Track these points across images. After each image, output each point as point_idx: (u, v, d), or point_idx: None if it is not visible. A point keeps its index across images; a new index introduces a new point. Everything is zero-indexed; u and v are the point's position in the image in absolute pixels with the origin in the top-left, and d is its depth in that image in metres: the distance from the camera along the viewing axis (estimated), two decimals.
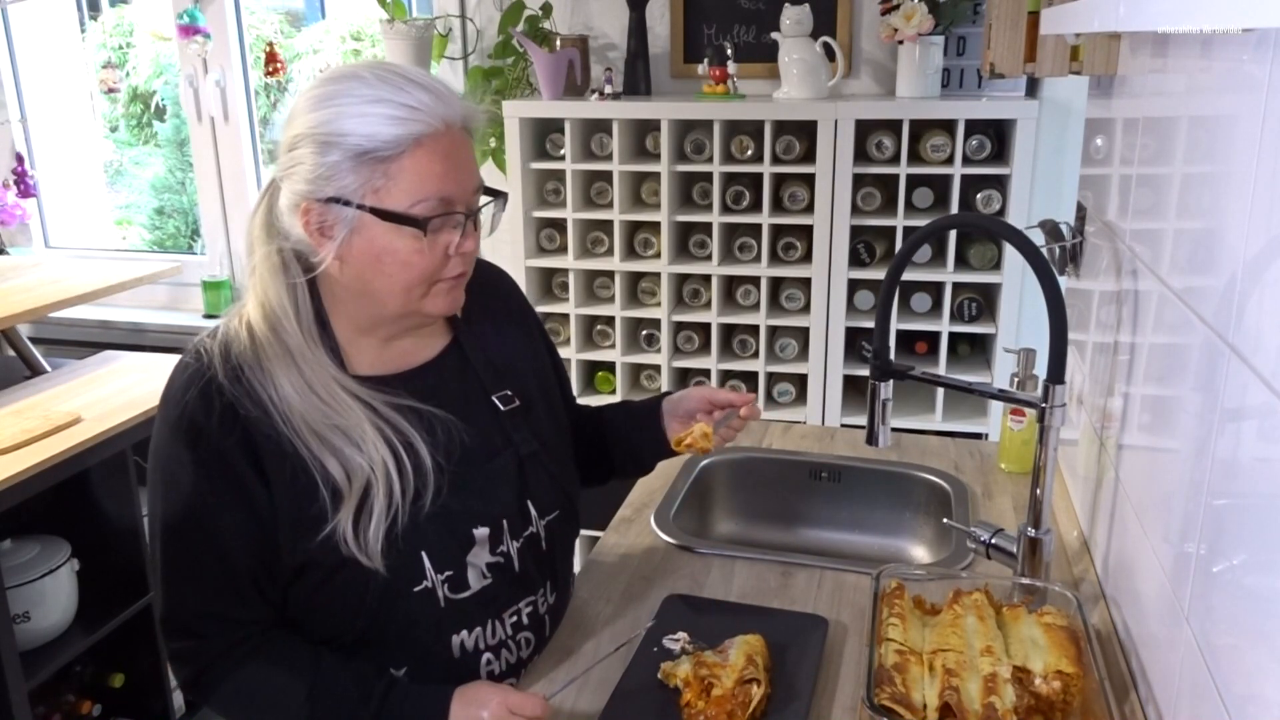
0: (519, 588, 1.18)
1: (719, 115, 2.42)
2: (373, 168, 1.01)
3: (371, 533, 1.04)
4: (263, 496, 1.05)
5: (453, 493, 1.11)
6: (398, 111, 1.00)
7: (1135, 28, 0.75)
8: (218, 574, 1.07)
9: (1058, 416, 1.21)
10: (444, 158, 1.03)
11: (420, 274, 1.05)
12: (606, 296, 2.69)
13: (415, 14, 2.80)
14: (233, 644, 1.08)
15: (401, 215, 1.02)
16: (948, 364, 2.48)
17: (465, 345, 1.20)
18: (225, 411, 1.03)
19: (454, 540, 1.12)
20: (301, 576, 1.08)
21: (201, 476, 1.04)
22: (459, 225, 1.06)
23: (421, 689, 1.08)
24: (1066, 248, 1.61)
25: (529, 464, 1.19)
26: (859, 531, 1.73)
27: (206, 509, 1.05)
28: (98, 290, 2.60)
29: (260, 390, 1.04)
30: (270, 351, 1.06)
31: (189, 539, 1.07)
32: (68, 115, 3.52)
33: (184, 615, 1.09)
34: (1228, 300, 0.83)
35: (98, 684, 2.30)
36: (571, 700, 1.13)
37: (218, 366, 1.05)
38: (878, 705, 1.01)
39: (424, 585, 1.09)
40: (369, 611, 1.08)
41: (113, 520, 2.17)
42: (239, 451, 1.04)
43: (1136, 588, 1.13)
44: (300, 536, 1.05)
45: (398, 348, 1.15)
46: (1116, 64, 1.34)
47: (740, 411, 1.31)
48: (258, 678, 1.08)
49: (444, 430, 1.12)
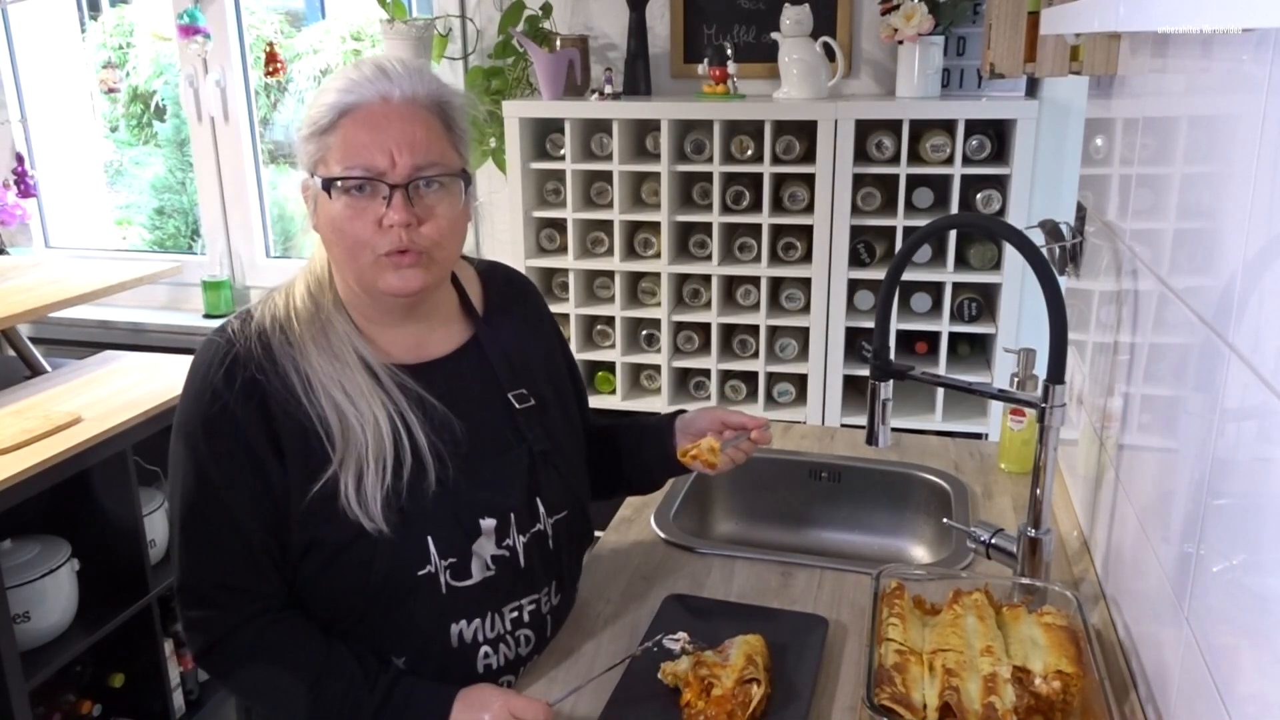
0: (522, 584, 1.18)
1: (719, 115, 2.42)
2: (318, 140, 1.09)
3: (369, 494, 1.07)
4: (277, 472, 1.08)
5: (462, 479, 1.13)
6: (339, 84, 1.08)
7: (1135, 28, 0.75)
8: (234, 545, 1.09)
9: (1058, 416, 1.21)
10: (371, 129, 1.06)
11: (351, 241, 1.08)
12: (606, 296, 2.69)
13: (415, 14, 2.80)
14: (248, 616, 1.10)
15: (325, 180, 1.08)
16: (948, 364, 2.48)
17: (484, 342, 1.23)
18: (246, 385, 1.08)
19: (460, 527, 1.13)
20: (309, 553, 1.10)
21: (220, 452, 1.08)
22: (385, 197, 1.07)
23: (426, 685, 1.09)
24: (1066, 248, 1.61)
25: (540, 462, 1.21)
26: (859, 531, 1.73)
27: (224, 483, 1.08)
28: (98, 290, 2.60)
29: (287, 362, 1.09)
30: (305, 314, 1.12)
31: (207, 511, 1.10)
32: (68, 115, 3.52)
33: (201, 585, 1.12)
34: (1227, 300, 0.83)
35: (98, 684, 2.30)
36: (571, 700, 1.13)
37: (241, 342, 1.10)
38: (878, 705, 1.01)
39: (427, 569, 1.11)
40: (372, 591, 1.10)
41: (113, 520, 2.17)
42: (257, 427, 1.08)
43: (1136, 588, 1.13)
44: (311, 510, 1.08)
45: (413, 335, 1.18)
46: (1116, 64, 1.34)
47: (751, 434, 1.33)
48: (270, 652, 1.10)
49: (443, 422, 1.14)
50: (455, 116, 1.12)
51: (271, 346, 1.10)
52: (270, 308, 1.14)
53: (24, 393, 2.29)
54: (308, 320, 1.12)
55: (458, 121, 1.13)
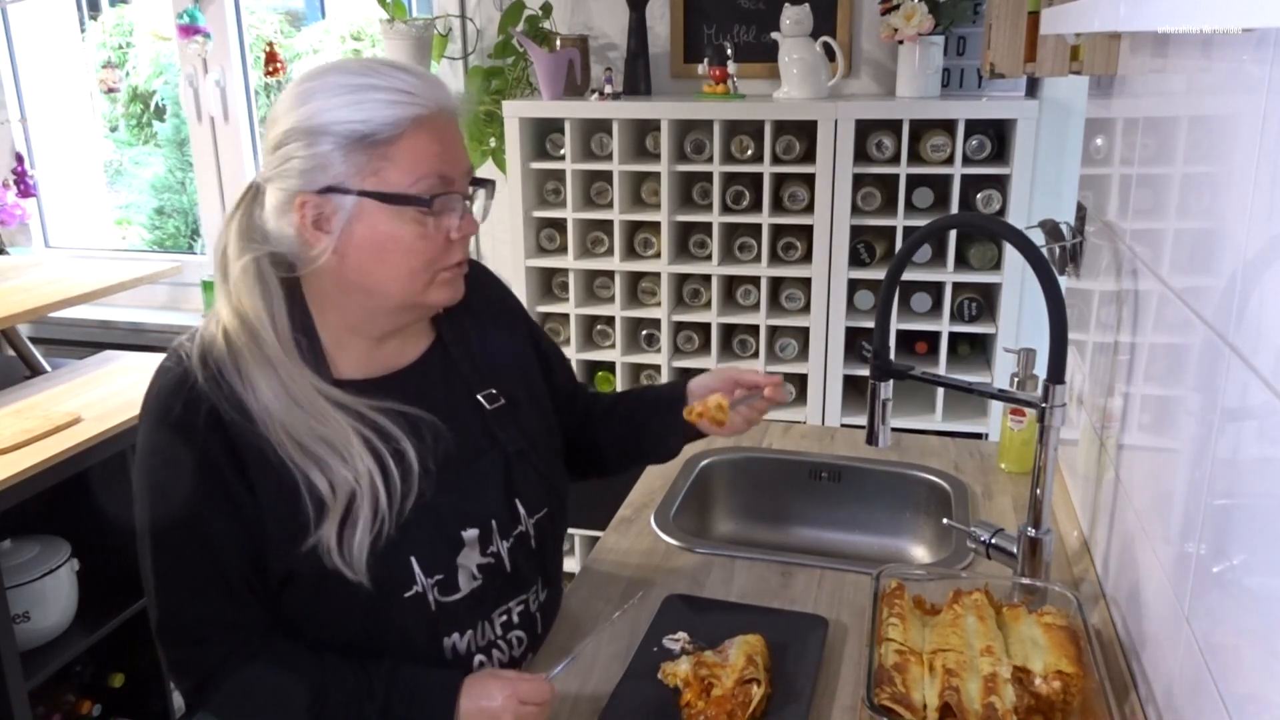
0: (510, 587, 1.17)
1: (719, 115, 2.42)
2: (370, 152, 1.01)
3: (356, 546, 1.03)
4: (249, 502, 1.03)
5: (440, 495, 1.10)
6: (392, 95, 1.01)
7: (1135, 28, 0.75)
8: (212, 578, 1.05)
9: (1058, 416, 1.21)
10: (440, 138, 1.04)
11: (424, 259, 1.05)
12: (606, 296, 2.69)
13: (415, 14, 2.80)
14: (233, 648, 1.07)
15: (405, 196, 1.02)
16: (948, 364, 2.48)
17: (449, 344, 1.19)
18: (209, 415, 1.02)
19: (443, 543, 1.11)
20: (288, 586, 1.07)
21: (188, 482, 1.02)
22: (458, 207, 1.06)
23: (428, 678, 1.07)
24: (1066, 248, 1.61)
25: (516, 462, 1.18)
26: (859, 531, 1.73)
27: (195, 514, 1.03)
28: (98, 290, 2.60)
29: (241, 396, 1.02)
30: (249, 358, 1.03)
31: (180, 545, 1.05)
32: (68, 115, 3.52)
33: (181, 622, 1.08)
34: (1228, 300, 0.83)
35: (98, 684, 2.30)
36: (572, 700, 1.13)
37: (198, 371, 1.03)
38: (878, 705, 1.01)
39: (414, 590, 1.08)
40: (357, 620, 1.07)
41: (113, 520, 2.17)
42: (224, 457, 1.02)
43: (1136, 588, 1.13)
44: (286, 545, 1.04)
45: (385, 349, 1.14)
46: (1116, 64, 1.34)
47: (765, 392, 1.27)
48: (263, 680, 1.07)
49: (431, 432, 1.10)
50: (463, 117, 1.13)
51: (223, 375, 1.03)
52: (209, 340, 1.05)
53: (24, 393, 2.29)
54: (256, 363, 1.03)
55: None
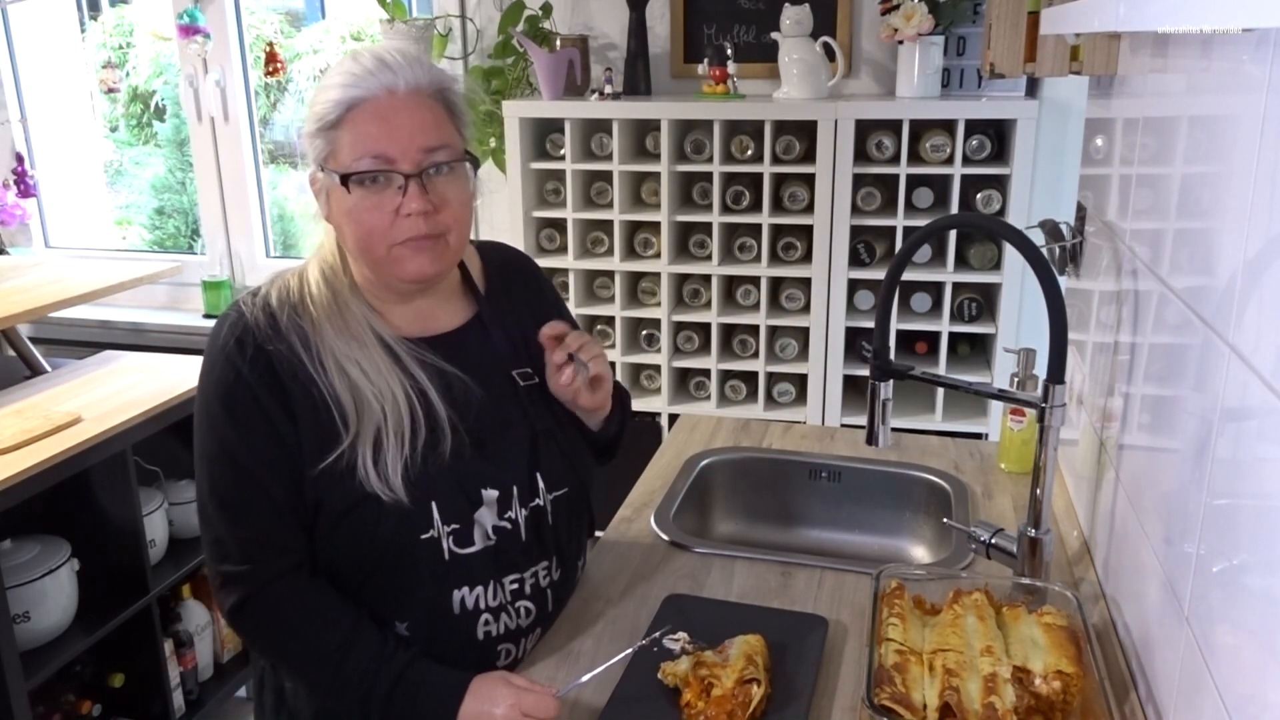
0: (523, 556, 1.21)
1: (719, 115, 2.42)
2: (326, 134, 1.11)
3: (390, 466, 1.11)
4: (291, 434, 1.12)
5: (466, 450, 1.17)
6: (343, 80, 1.09)
7: (1135, 28, 0.75)
8: (262, 505, 1.13)
9: (1058, 416, 1.21)
10: (380, 120, 1.09)
11: (369, 232, 1.11)
12: (606, 296, 2.69)
13: (415, 14, 2.80)
14: (281, 571, 1.14)
15: (342, 174, 1.10)
16: (948, 364, 2.48)
17: (487, 319, 1.26)
18: (257, 354, 1.12)
19: (463, 495, 1.16)
20: (316, 515, 1.13)
21: (238, 417, 1.12)
22: (401, 186, 1.10)
23: (440, 671, 1.11)
24: (1066, 248, 1.61)
25: (543, 439, 1.23)
26: (859, 531, 1.73)
27: (245, 447, 1.12)
28: (98, 290, 2.60)
29: (296, 335, 1.13)
30: (320, 298, 1.16)
31: (232, 474, 1.13)
32: (68, 115, 3.52)
33: (234, 540, 1.14)
34: (1227, 300, 0.83)
35: (98, 684, 2.30)
36: (572, 701, 1.13)
37: (257, 314, 1.14)
38: (878, 705, 1.01)
39: (430, 534, 1.14)
40: (376, 553, 1.13)
41: (113, 520, 2.17)
42: (269, 392, 1.11)
43: (1136, 588, 1.13)
44: (321, 474, 1.11)
45: (419, 309, 1.21)
46: (1116, 64, 1.34)
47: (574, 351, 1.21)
48: (302, 607, 1.14)
49: (461, 390, 1.18)
50: (456, 101, 1.16)
51: (278, 319, 1.14)
52: (281, 286, 1.18)
53: (24, 393, 2.29)
54: (323, 303, 1.16)
55: (459, 105, 1.16)
